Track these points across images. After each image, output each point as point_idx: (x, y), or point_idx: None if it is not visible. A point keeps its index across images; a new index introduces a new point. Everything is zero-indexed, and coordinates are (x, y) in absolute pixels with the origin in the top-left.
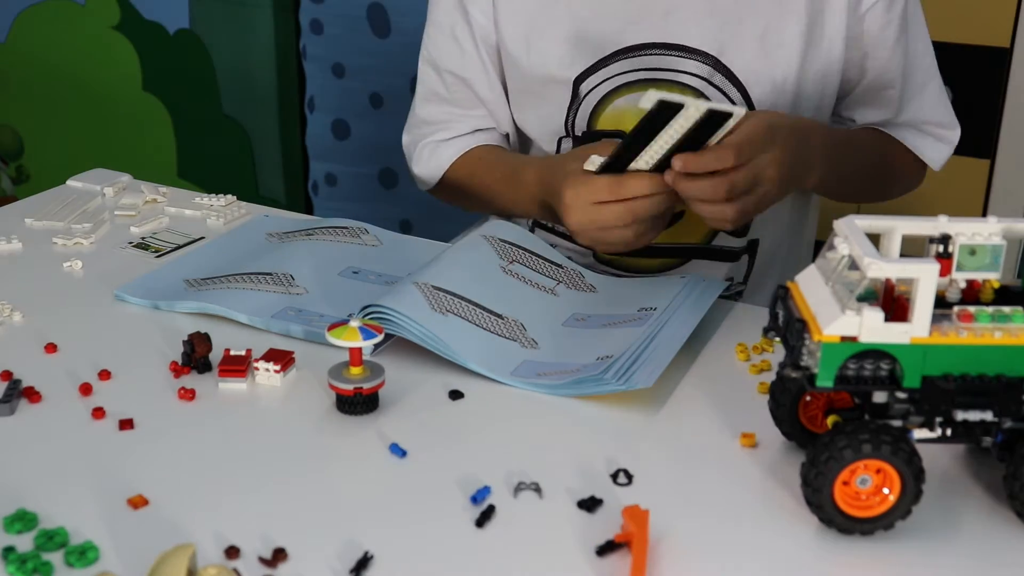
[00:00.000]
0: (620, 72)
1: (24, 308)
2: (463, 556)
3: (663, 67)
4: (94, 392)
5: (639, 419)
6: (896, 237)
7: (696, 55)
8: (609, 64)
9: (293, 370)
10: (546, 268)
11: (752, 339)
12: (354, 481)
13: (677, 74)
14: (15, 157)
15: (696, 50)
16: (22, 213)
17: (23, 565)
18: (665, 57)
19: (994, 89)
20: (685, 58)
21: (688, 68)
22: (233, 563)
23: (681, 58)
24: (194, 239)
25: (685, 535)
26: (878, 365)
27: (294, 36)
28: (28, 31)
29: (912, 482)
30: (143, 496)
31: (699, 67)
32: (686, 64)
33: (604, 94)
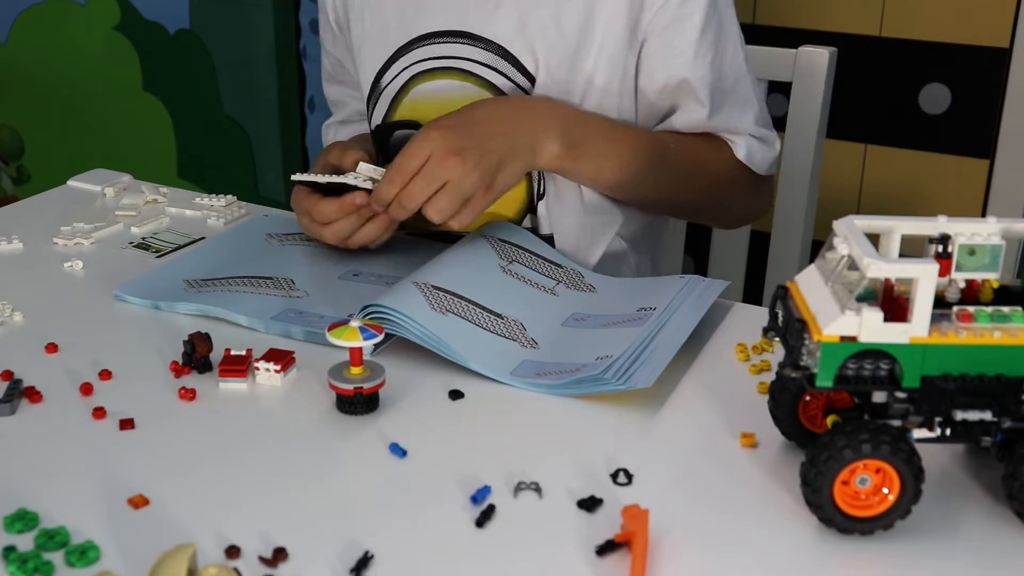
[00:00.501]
0: (417, 60)
1: (24, 308)
2: (463, 556)
3: (454, 55)
4: (94, 392)
5: (639, 419)
6: (895, 237)
7: (479, 42)
8: (408, 52)
9: (293, 370)
10: (546, 268)
11: (752, 339)
12: (354, 481)
13: (466, 62)
14: (15, 157)
15: (478, 36)
16: (22, 213)
17: (24, 565)
18: (451, 45)
19: (994, 89)
20: (469, 44)
21: (472, 55)
22: (233, 563)
23: (466, 44)
24: (194, 239)
25: (685, 535)
26: (877, 365)
27: (294, 36)
28: (28, 31)
29: (911, 482)
30: (143, 496)
31: (482, 54)
32: (470, 51)
33: (401, 84)
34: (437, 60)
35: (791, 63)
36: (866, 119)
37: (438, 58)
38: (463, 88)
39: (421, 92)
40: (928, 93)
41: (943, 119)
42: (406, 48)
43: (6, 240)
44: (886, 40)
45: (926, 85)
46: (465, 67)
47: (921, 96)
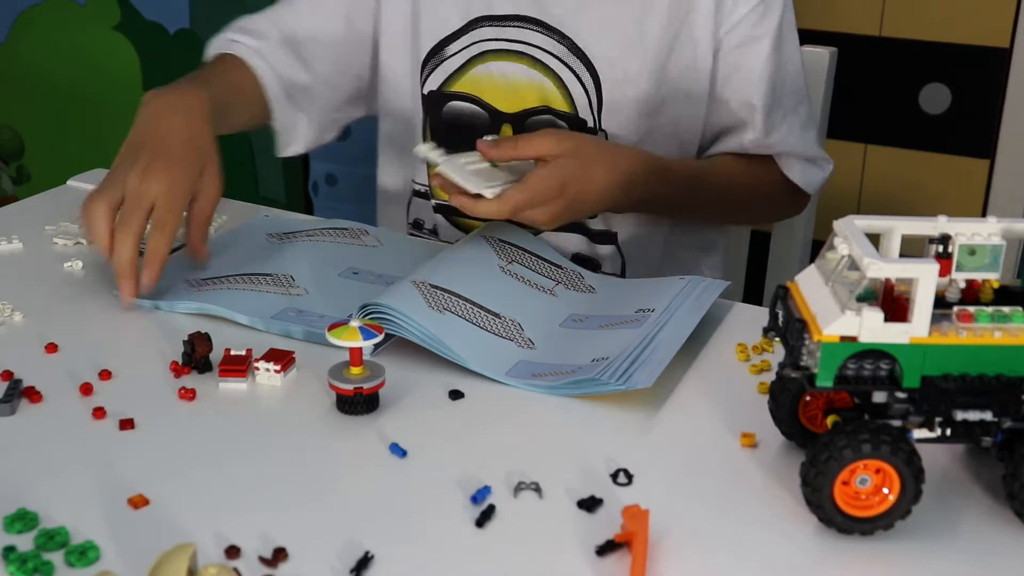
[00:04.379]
0: (480, 39)
1: (24, 308)
2: (463, 556)
3: (524, 40)
4: (94, 392)
5: (639, 419)
6: (896, 237)
7: (553, 33)
8: (471, 31)
9: (293, 370)
10: (545, 268)
11: (752, 339)
12: (354, 481)
13: (532, 48)
14: (15, 157)
15: (555, 29)
16: (22, 213)
17: (24, 565)
18: (523, 31)
19: (994, 89)
20: (542, 33)
21: (544, 44)
22: (233, 563)
23: (539, 33)
24: (183, 243)
25: (685, 535)
26: (878, 365)
27: None
28: (28, 31)
29: (912, 482)
30: (143, 496)
31: (555, 45)
32: (542, 40)
33: (466, 60)
34: (509, 43)
35: None
36: (866, 119)
37: (511, 40)
38: (529, 74)
39: (488, 70)
40: (928, 93)
41: (943, 119)
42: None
43: (6, 240)
44: (886, 40)
45: (926, 85)
46: (535, 55)
47: (921, 96)
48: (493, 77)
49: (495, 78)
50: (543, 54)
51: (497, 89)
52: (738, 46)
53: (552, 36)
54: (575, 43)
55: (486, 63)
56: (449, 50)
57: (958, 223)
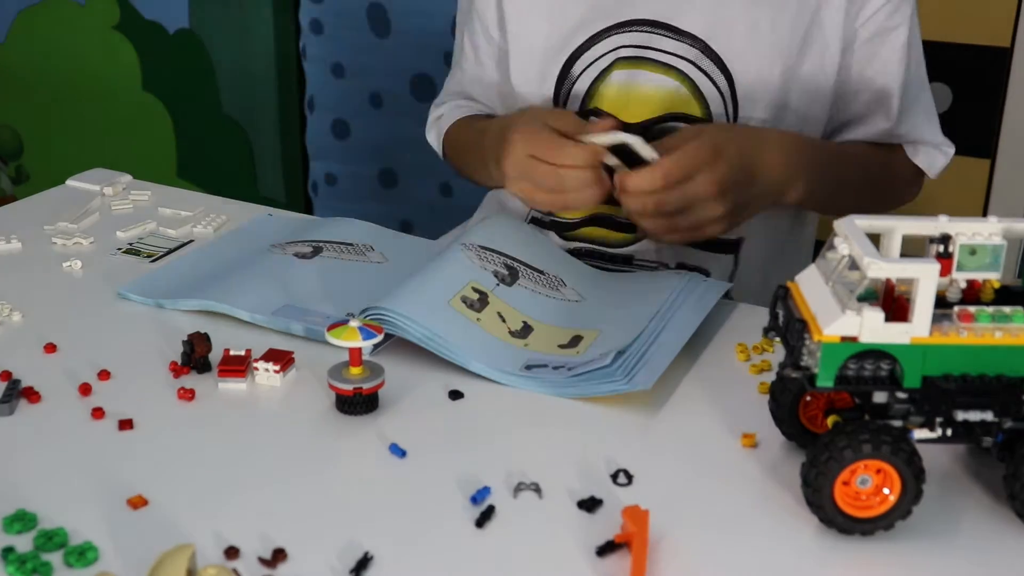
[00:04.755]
0: (609, 50)
1: (24, 308)
2: (463, 556)
3: (651, 46)
4: (94, 392)
5: (639, 419)
6: (896, 237)
7: (684, 37)
8: (599, 42)
9: (293, 370)
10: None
11: (752, 339)
12: (354, 481)
13: (663, 54)
14: (15, 157)
15: (685, 32)
16: (21, 213)
17: (23, 565)
18: (651, 35)
19: (994, 89)
20: (673, 39)
21: (676, 50)
22: (233, 563)
23: (669, 38)
24: (183, 243)
25: (685, 535)
26: (878, 365)
27: (294, 36)
28: (28, 31)
29: (912, 482)
30: (143, 496)
31: (687, 49)
32: (672, 44)
33: (598, 73)
34: (637, 49)
35: None
36: None
37: (639, 47)
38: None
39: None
40: None
41: (943, 119)
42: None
43: (5, 240)
44: None
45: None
46: (667, 60)
47: None
48: (617, 87)
49: (618, 87)
50: (675, 59)
51: (619, 99)
52: (872, 37)
53: (684, 40)
54: (708, 45)
55: (615, 71)
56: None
57: (959, 223)
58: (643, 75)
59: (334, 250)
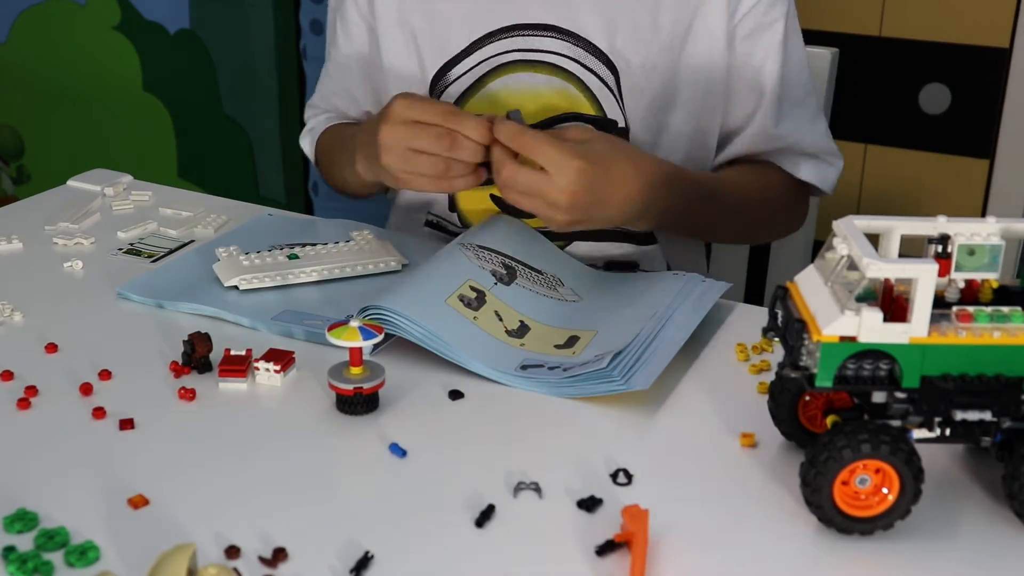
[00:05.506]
0: (491, 55)
1: (24, 308)
2: (463, 556)
3: (536, 48)
4: (94, 392)
5: (639, 419)
6: (895, 237)
7: (567, 36)
8: (480, 47)
9: (293, 370)
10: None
11: (751, 339)
12: (354, 481)
13: (548, 55)
14: (15, 157)
15: (567, 31)
16: (22, 213)
17: (23, 565)
18: (537, 38)
19: (994, 89)
20: (557, 38)
21: (560, 49)
22: (233, 563)
23: (553, 38)
24: (183, 243)
25: (684, 535)
26: (877, 365)
27: (294, 36)
28: (28, 31)
29: (911, 482)
30: (143, 496)
31: (571, 48)
32: (558, 45)
33: (475, 79)
34: (523, 52)
35: None
36: (866, 119)
37: (525, 50)
38: (550, 82)
39: (503, 84)
40: (928, 93)
41: (943, 119)
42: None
43: (6, 240)
44: (886, 40)
45: (926, 85)
46: (554, 61)
47: (921, 96)
48: (510, 90)
49: (512, 91)
50: (561, 59)
51: (512, 103)
52: (749, 34)
53: (567, 39)
54: (591, 42)
55: (500, 77)
56: (455, 72)
57: (957, 223)
58: (534, 78)
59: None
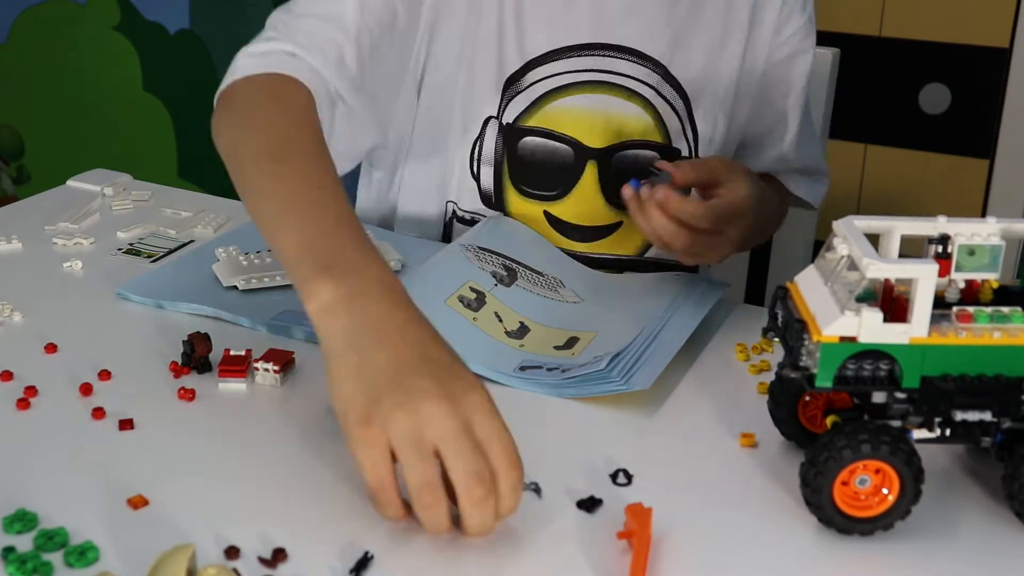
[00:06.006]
0: (569, 70)
1: (24, 308)
2: (463, 556)
3: (612, 70)
4: (94, 392)
5: (639, 419)
6: (895, 237)
7: (647, 62)
8: (558, 59)
9: (293, 370)
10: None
11: (751, 339)
12: (355, 481)
13: (625, 79)
14: (15, 157)
15: (647, 56)
16: (22, 213)
17: (23, 565)
18: (617, 60)
19: (994, 89)
20: (635, 63)
21: (637, 74)
22: (233, 563)
23: (631, 63)
24: (183, 243)
25: (684, 535)
26: (877, 365)
27: None
28: (29, 31)
29: (911, 482)
30: (143, 496)
31: (648, 74)
32: (636, 70)
33: (548, 89)
34: (599, 73)
35: None
36: (866, 119)
37: (601, 71)
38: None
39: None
40: (928, 93)
41: (943, 119)
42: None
43: (6, 240)
44: (886, 40)
45: (926, 85)
46: (630, 85)
47: (921, 96)
48: (581, 110)
49: (583, 111)
50: (639, 84)
51: (584, 123)
52: (784, 59)
53: (646, 65)
54: (668, 71)
55: (572, 96)
56: (528, 79)
57: (957, 223)
58: (609, 100)
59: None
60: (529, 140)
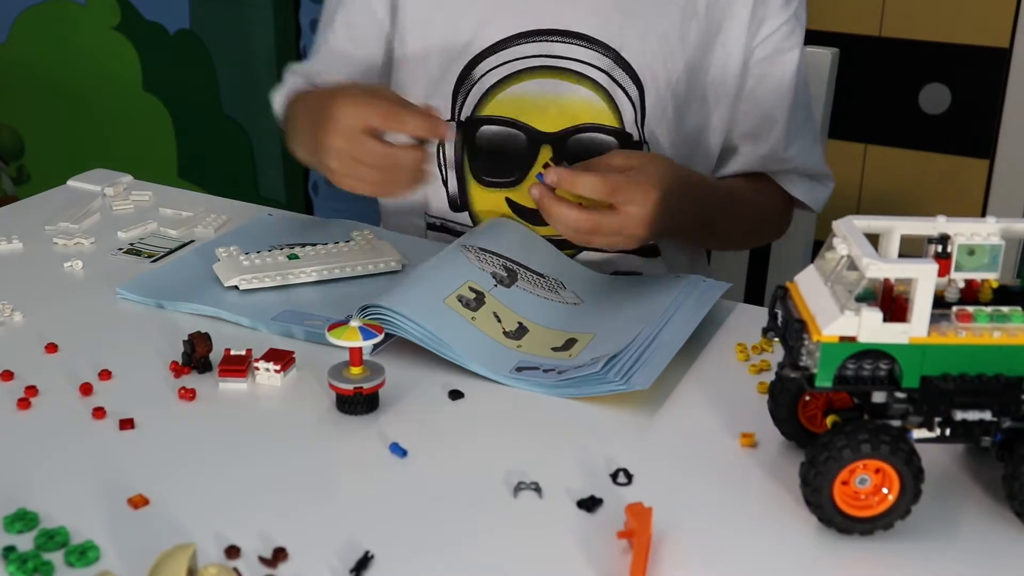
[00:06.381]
0: (519, 57)
1: (24, 308)
2: (463, 556)
3: (561, 55)
4: (94, 392)
5: (639, 419)
6: (895, 237)
7: (598, 46)
8: (508, 47)
9: (293, 370)
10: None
11: (751, 339)
12: (354, 481)
13: (577, 63)
14: (15, 157)
15: (598, 41)
16: (22, 213)
17: (24, 565)
18: (567, 45)
19: (994, 89)
20: (585, 47)
21: (589, 59)
22: (233, 563)
23: (580, 47)
24: (184, 243)
25: (684, 535)
26: (877, 365)
27: (294, 36)
28: (28, 31)
29: (911, 482)
30: (143, 496)
31: (600, 59)
32: (586, 54)
33: (500, 78)
34: (550, 59)
35: None
36: (866, 119)
37: (553, 56)
38: (575, 91)
39: (524, 89)
40: (928, 93)
41: (943, 119)
42: (513, 40)
43: (6, 240)
44: (886, 40)
45: (926, 85)
46: (579, 69)
47: (921, 96)
48: (532, 96)
49: (534, 97)
50: (589, 68)
51: (536, 108)
52: (767, 58)
53: (597, 49)
54: (620, 55)
55: (522, 82)
56: (479, 70)
57: (957, 223)
58: (560, 85)
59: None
60: (486, 129)
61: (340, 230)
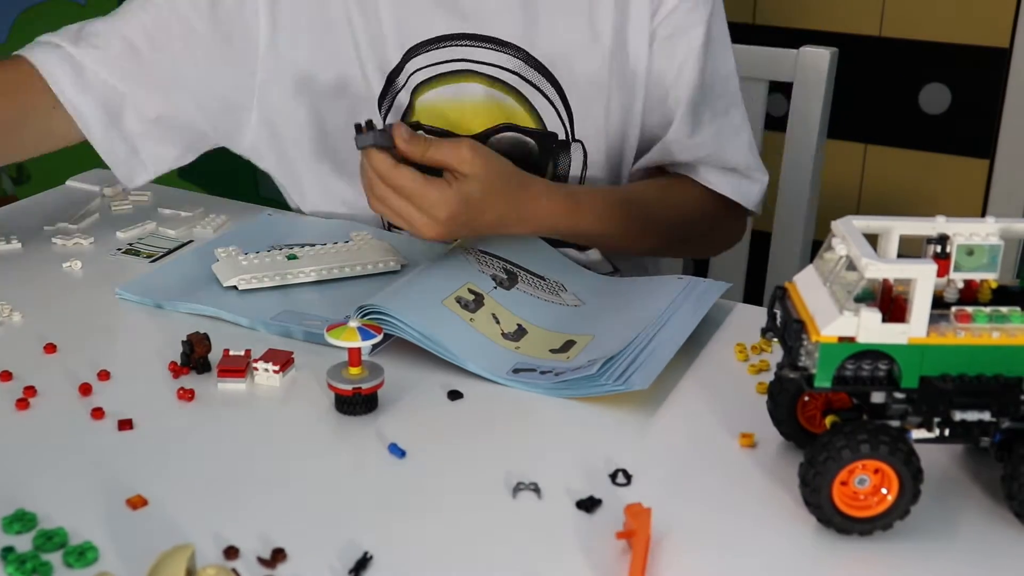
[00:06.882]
0: (432, 63)
1: (24, 308)
2: (463, 556)
3: (474, 59)
4: (93, 392)
5: (638, 419)
6: (894, 237)
7: (505, 47)
8: (419, 54)
9: (292, 370)
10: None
11: (751, 339)
12: (354, 481)
13: (483, 66)
14: None
15: (506, 43)
16: (22, 213)
17: (22, 565)
18: (476, 49)
19: (994, 89)
20: (496, 50)
21: (499, 61)
22: (232, 563)
23: (492, 50)
24: (183, 243)
25: (683, 535)
26: (876, 365)
27: None
28: (28, 31)
29: (910, 482)
30: (142, 496)
31: (509, 60)
32: (497, 57)
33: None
34: (460, 63)
35: (792, 63)
36: (866, 119)
37: (462, 61)
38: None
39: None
40: (928, 93)
41: (943, 119)
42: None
43: (5, 240)
44: (886, 40)
45: (926, 85)
46: (491, 73)
47: (921, 96)
48: (445, 101)
49: (447, 102)
50: (499, 71)
51: (451, 113)
52: (668, 37)
53: (505, 51)
54: (530, 54)
55: (436, 88)
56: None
57: (956, 223)
58: (472, 88)
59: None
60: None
61: (339, 230)
